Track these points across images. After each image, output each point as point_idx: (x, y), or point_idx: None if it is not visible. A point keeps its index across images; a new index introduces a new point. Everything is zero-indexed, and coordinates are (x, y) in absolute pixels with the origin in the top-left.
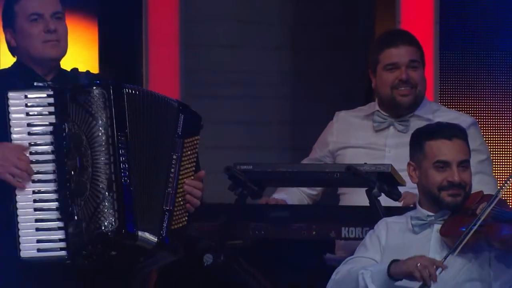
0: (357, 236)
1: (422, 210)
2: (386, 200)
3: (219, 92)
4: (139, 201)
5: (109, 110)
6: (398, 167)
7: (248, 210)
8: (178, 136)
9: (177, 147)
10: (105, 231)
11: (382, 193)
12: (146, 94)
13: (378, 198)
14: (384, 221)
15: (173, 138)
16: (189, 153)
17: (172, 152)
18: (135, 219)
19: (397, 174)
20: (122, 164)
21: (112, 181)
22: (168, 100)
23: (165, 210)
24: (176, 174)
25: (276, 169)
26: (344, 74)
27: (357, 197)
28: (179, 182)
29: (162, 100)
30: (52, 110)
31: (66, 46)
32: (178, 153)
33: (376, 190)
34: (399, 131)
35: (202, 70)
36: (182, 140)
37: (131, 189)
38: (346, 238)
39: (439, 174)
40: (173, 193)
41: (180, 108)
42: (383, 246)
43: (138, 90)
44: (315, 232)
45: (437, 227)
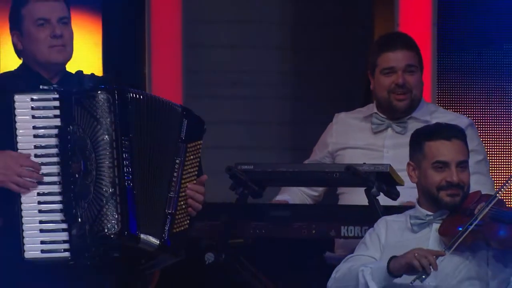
0: (356, 234)
1: (421, 210)
2: (385, 199)
3: (219, 92)
4: (142, 204)
5: (113, 114)
6: (396, 168)
7: (249, 209)
8: (181, 141)
9: (180, 152)
10: (108, 234)
11: (381, 192)
12: (150, 99)
13: (377, 197)
14: (383, 219)
15: (176, 142)
16: (192, 157)
17: (175, 156)
18: (138, 222)
19: (395, 174)
20: (126, 168)
21: (115, 184)
22: (172, 105)
23: (167, 213)
24: (178, 178)
25: (276, 169)
26: (344, 74)
27: (356, 196)
28: (182, 186)
29: (166, 105)
30: (57, 113)
31: (72, 51)
32: (181, 157)
33: (375, 190)
34: (397, 133)
35: (202, 70)
36: (185, 144)
37: (134, 192)
38: (345, 237)
39: (438, 174)
40: (175, 197)
41: (184, 113)
42: (383, 244)
43: (142, 94)
44: (315, 231)
45: (435, 227)
